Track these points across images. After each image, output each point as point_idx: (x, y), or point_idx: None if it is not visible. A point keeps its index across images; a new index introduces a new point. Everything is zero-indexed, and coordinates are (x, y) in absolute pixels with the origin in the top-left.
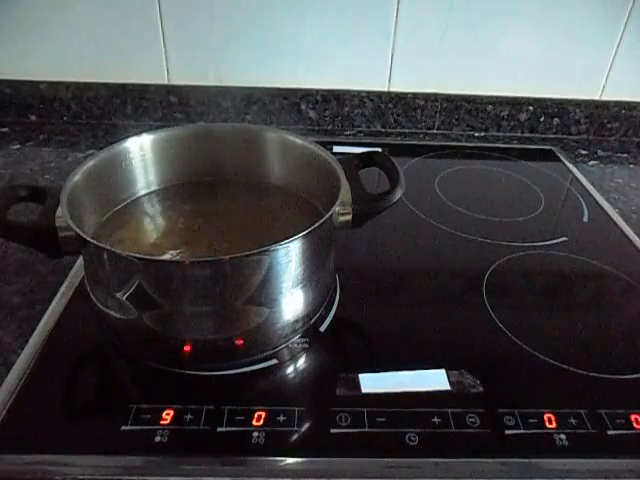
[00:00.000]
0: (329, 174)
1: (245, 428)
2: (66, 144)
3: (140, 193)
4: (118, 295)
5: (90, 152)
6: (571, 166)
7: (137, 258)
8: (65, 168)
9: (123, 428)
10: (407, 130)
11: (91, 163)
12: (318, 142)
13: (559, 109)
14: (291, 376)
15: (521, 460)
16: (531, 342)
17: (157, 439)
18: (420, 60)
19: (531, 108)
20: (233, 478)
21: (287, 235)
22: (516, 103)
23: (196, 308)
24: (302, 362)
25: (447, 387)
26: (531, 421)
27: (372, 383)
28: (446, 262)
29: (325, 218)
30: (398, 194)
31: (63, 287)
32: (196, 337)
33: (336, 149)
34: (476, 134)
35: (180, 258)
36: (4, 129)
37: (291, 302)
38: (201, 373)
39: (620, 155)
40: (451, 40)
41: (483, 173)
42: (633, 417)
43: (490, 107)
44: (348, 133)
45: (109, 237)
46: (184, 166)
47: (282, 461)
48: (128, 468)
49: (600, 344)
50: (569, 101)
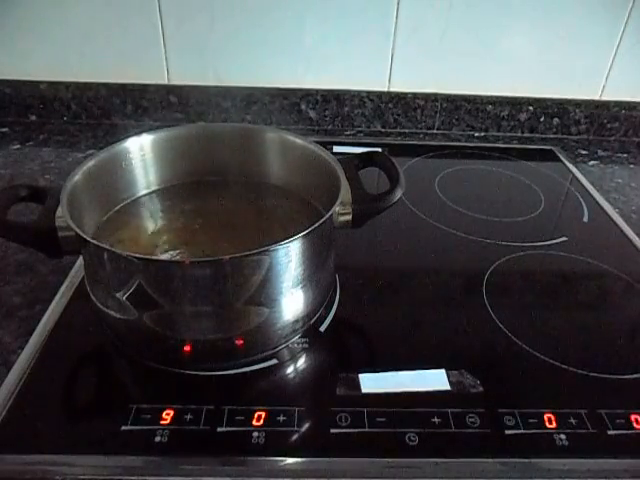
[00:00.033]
0: (329, 174)
1: (245, 428)
2: (66, 144)
3: (140, 193)
4: (118, 295)
5: (90, 152)
6: (571, 166)
7: (137, 258)
8: (65, 168)
9: (123, 428)
10: (407, 130)
11: (91, 163)
12: (318, 142)
13: (559, 109)
14: (291, 376)
15: (521, 460)
16: (531, 342)
17: (157, 439)
18: (420, 60)
19: (531, 108)
20: (233, 478)
21: (287, 235)
22: (516, 103)
23: (196, 308)
24: (302, 362)
25: (447, 387)
26: (531, 421)
27: (372, 383)
28: (446, 262)
29: (325, 218)
30: (398, 194)
31: (63, 287)
32: (196, 337)
33: (336, 149)
34: (476, 134)
35: (180, 258)
36: (4, 129)
37: (291, 302)
38: (201, 373)
39: (620, 155)
40: (451, 40)
41: (483, 173)
42: (633, 417)
43: (490, 107)
44: (348, 133)
45: (109, 237)
46: (184, 166)
47: (282, 461)
48: (128, 468)
49: (600, 344)
50: (569, 101)
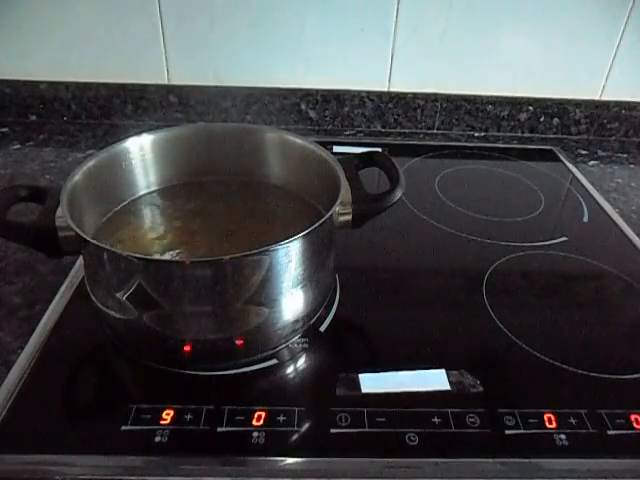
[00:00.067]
0: (329, 174)
1: (245, 428)
2: (66, 144)
3: (140, 193)
4: (118, 295)
5: (90, 152)
6: (571, 166)
7: (137, 258)
8: (65, 168)
9: (123, 428)
10: (407, 130)
11: (91, 163)
12: (318, 142)
13: (559, 109)
14: (291, 376)
15: (521, 460)
16: (531, 342)
17: (157, 439)
18: (420, 60)
19: (531, 108)
20: (233, 478)
21: (287, 235)
22: (516, 103)
23: (196, 308)
24: (302, 362)
25: (447, 387)
26: (531, 421)
27: (372, 383)
28: (446, 262)
29: (325, 218)
30: (398, 194)
31: (63, 287)
32: (196, 337)
33: (336, 149)
34: (476, 134)
35: (180, 258)
36: (4, 129)
37: (291, 302)
38: (201, 373)
39: (620, 155)
40: (451, 40)
41: (483, 173)
42: (633, 417)
43: (490, 107)
44: (348, 133)
45: (109, 237)
46: (184, 166)
47: (282, 461)
48: (128, 468)
49: (600, 344)
50: (569, 101)
